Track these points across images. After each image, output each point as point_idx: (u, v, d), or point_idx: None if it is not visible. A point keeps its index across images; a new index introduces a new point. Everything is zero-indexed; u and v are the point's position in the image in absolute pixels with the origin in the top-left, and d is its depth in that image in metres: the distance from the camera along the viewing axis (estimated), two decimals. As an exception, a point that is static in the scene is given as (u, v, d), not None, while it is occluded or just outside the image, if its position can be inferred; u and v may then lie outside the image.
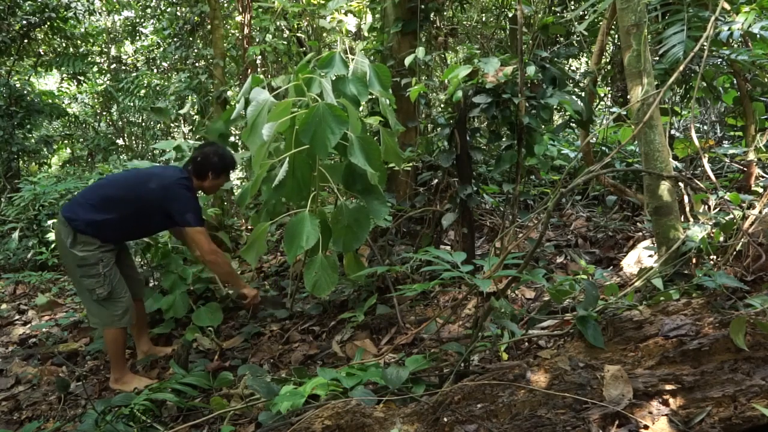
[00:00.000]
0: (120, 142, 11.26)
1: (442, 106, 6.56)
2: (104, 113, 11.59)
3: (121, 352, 3.14)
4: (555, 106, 3.37)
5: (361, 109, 3.31)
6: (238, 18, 7.19)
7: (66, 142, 10.62)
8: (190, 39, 7.87)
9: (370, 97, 3.33)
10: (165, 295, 3.71)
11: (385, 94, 3.18)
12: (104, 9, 10.66)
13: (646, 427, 1.68)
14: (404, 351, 2.89)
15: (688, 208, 3.14)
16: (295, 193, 2.89)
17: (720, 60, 3.83)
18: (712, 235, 2.68)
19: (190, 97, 6.72)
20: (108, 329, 3.08)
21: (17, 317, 4.77)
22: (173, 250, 3.92)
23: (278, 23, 6.27)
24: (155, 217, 3.11)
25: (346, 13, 5.84)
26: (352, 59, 3.13)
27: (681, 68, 2.73)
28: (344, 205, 3.00)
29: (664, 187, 2.72)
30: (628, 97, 2.84)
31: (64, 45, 9.89)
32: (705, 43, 2.78)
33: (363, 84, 3.03)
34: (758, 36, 3.27)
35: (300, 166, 2.85)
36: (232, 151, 3.42)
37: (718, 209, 2.97)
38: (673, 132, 4.45)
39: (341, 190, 3.11)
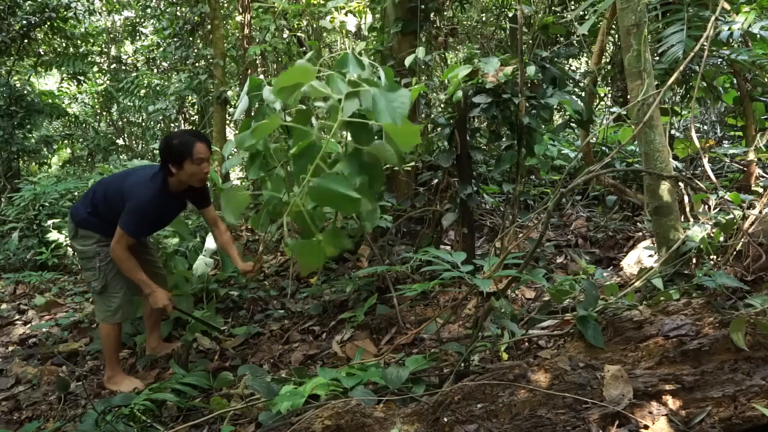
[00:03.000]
0: (120, 142, 11.28)
1: (442, 106, 6.56)
2: (104, 113, 11.60)
3: (113, 349, 3.16)
4: (555, 106, 3.37)
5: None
6: (238, 18, 7.20)
7: (66, 142, 10.63)
8: (190, 39, 7.88)
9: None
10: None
11: None
12: (104, 9, 10.67)
13: (646, 427, 1.68)
14: (404, 351, 2.90)
15: (688, 208, 3.14)
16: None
17: (720, 60, 3.83)
18: (712, 235, 2.68)
19: (189, 97, 6.72)
20: (102, 324, 3.14)
21: (17, 317, 4.77)
22: (176, 252, 3.93)
23: (278, 23, 6.27)
24: None
25: (346, 14, 5.84)
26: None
27: (681, 68, 2.73)
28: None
29: (664, 187, 2.72)
30: (628, 97, 2.84)
31: (64, 45, 9.90)
32: (705, 43, 2.78)
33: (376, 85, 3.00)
34: (758, 36, 3.27)
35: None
36: (192, 135, 2.98)
37: (718, 209, 2.97)
38: (673, 132, 4.45)
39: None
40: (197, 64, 7.87)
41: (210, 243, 3.98)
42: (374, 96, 2.06)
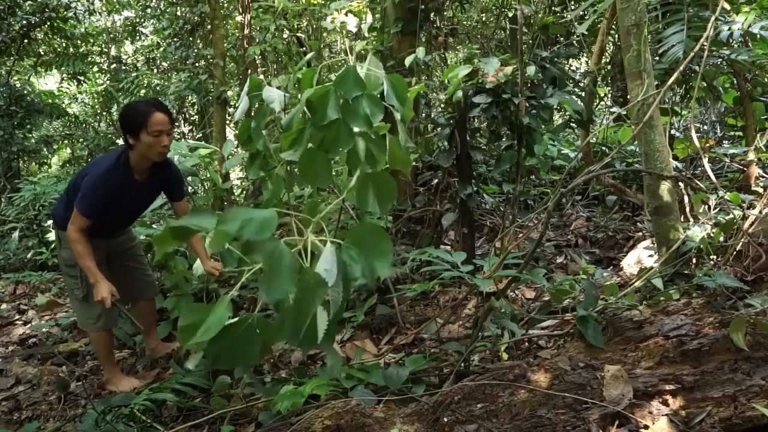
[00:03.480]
0: (120, 142, 11.27)
1: (442, 106, 6.56)
2: (104, 113, 11.60)
3: (106, 353, 3.13)
4: (555, 106, 3.37)
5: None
6: (238, 18, 7.20)
7: (66, 142, 10.63)
8: (190, 39, 7.89)
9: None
10: (165, 295, 3.71)
11: (401, 108, 2.90)
12: (104, 9, 10.67)
13: (646, 427, 1.68)
14: (404, 351, 2.89)
15: (688, 208, 3.14)
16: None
17: (720, 60, 3.83)
18: (712, 235, 2.68)
19: (189, 97, 6.73)
20: (89, 331, 3.09)
21: (17, 317, 4.77)
22: (176, 252, 3.91)
23: (278, 23, 6.27)
24: None
25: (346, 14, 5.84)
26: (361, 66, 2.99)
27: (681, 68, 2.73)
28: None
29: (664, 187, 2.72)
30: (628, 97, 2.84)
31: (64, 45, 9.91)
32: (705, 43, 2.78)
33: (377, 103, 2.77)
34: (758, 36, 3.27)
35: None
36: (150, 104, 2.76)
37: (718, 209, 2.97)
38: (673, 132, 4.45)
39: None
40: (197, 64, 7.88)
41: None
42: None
